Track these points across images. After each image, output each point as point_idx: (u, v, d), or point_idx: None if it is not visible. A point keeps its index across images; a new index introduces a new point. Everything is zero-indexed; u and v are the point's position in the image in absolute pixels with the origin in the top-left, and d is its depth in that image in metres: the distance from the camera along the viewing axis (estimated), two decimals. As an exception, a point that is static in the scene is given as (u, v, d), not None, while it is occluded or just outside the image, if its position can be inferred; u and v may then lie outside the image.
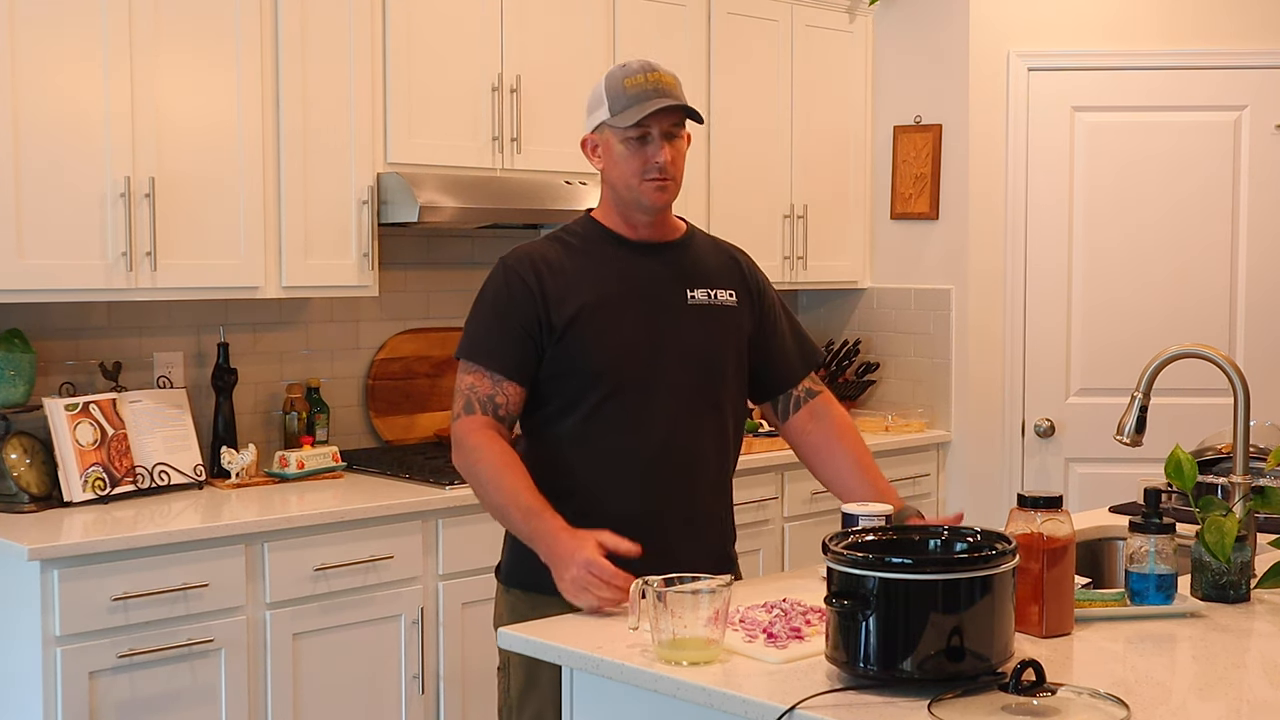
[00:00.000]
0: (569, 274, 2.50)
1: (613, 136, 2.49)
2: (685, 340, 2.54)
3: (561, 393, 2.50)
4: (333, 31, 3.69)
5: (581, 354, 2.48)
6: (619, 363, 2.49)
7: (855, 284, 5.14)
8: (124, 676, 3.09)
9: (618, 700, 2.08)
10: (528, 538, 2.42)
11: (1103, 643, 2.14)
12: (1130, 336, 4.77)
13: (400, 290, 4.23)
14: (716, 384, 2.58)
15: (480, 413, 2.47)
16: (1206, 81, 4.80)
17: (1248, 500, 2.47)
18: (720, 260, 2.66)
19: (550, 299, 2.47)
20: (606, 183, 2.56)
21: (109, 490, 3.43)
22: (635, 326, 2.51)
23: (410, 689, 3.56)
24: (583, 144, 2.57)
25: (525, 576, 2.50)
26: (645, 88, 2.45)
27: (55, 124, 3.26)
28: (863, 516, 2.40)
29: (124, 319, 3.73)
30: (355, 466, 3.91)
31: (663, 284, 2.55)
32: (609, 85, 2.48)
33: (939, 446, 4.95)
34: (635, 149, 2.47)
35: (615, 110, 2.46)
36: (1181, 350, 2.62)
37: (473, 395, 2.48)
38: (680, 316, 2.55)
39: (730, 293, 2.61)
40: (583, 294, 2.49)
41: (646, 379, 2.50)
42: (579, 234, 2.59)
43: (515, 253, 2.55)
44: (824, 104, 4.95)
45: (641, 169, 2.48)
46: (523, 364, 2.49)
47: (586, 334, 2.48)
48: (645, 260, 2.56)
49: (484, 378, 2.49)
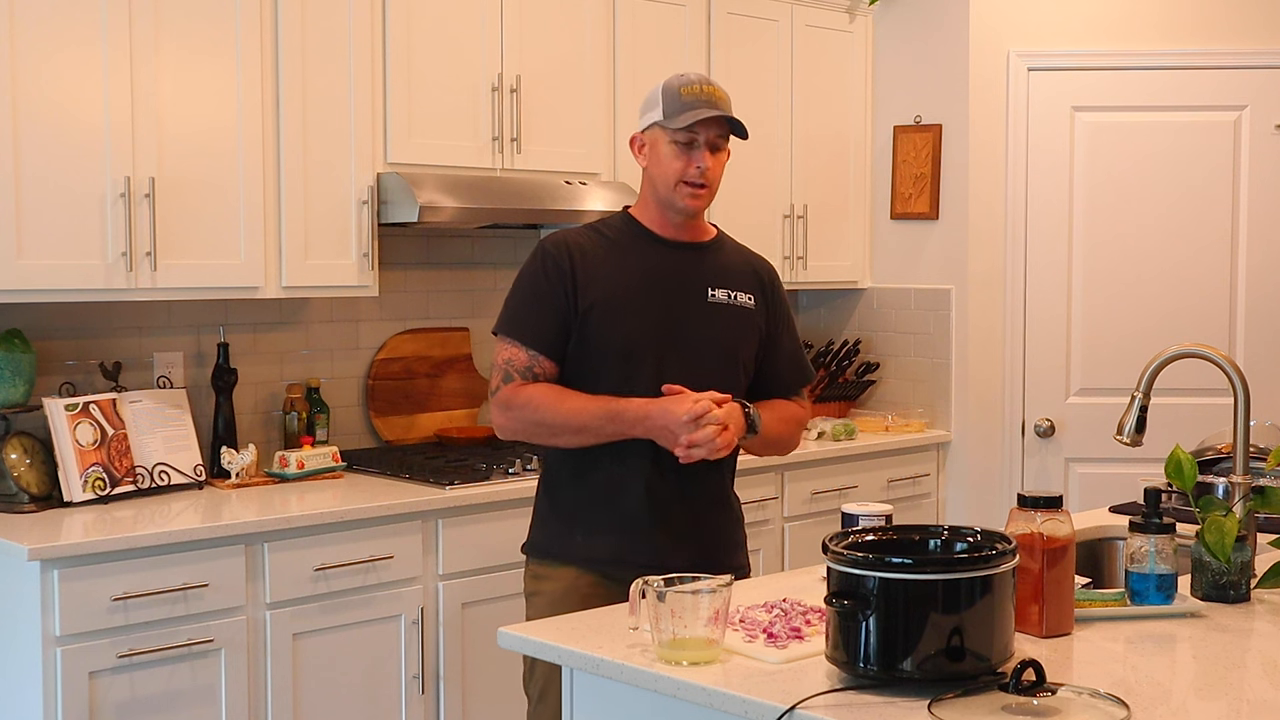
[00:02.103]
0: (598, 262, 2.67)
1: (661, 136, 2.65)
2: (700, 334, 2.68)
3: (582, 375, 2.65)
4: (333, 31, 3.69)
5: (598, 338, 2.64)
6: (631, 350, 2.64)
7: (855, 284, 5.14)
8: (124, 676, 3.09)
9: (618, 700, 2.09)
10: (628, 424, 2.56)
11: (1103, 643, 2.14)
12: (1130, 336, 4.76)
13: (400, 290, 4.23)
14: (729, 378, 2.69)
15: (520, 380, 2.65)
16: (1206, 81, 4.80)
17: (1248, 500, 2.47)
18: (744, 267, 2.81)
19: (579, 282, 2.64)
20: (648, 180, 2.72)
21: (109, 490, 3.43)
22: (650, 317, 2.66)
23: (410, 689, 3.56)
24: (631, 141, 2.74)
25: (535, 544, 2.77)
26: (700, 97, 2.62)
27: (55, 124, 3.26)
28: (863, 516, 2.41)
29: (124, 319, 3.73)
30: (355, 466, 3.91)
31: (685, 280, 2.70)
32: (665, 90, 2.65)
33: (939, 446, 4.95)
34: (681, 151, 2.63)
35: (669, 114, 2.62)
36: (1181, 350, 2.63)
37: (510, 368, 2.66)
38: (698, 312, 2.70)
39: (750, 296, 2.76)
40: (606, 281, 2.65)
41: (658, 368, 2.63)
42: (616, 227, 2.75)
43: (553, 237, 2.71)
44: (824, 104, 4.95)
45: (683, 171, 2.64)
46: (556, 340, 2.65)
47: (604, 320, 2.64)
48: (672, 256, 2.72)
49: (520, 351, 2.66)
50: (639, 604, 2.11)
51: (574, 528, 2.70)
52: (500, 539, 3.59)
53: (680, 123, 2.61)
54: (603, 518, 2.67)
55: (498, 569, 3.62)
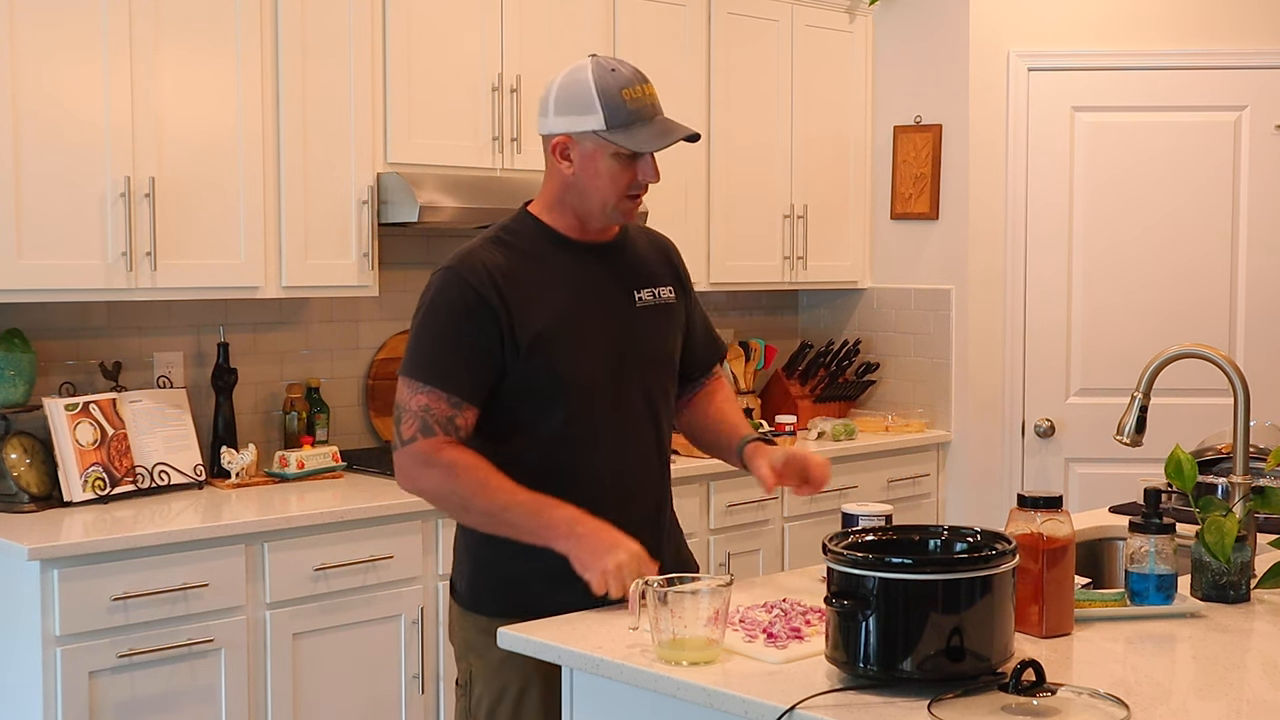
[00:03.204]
0: (526, 285, 2.37)
1: (602, 149, 2.35)
2: (641, 345, 2.47)
3: (522, 411, 2.39)
4: (333, 31, 3.69)
5: (547, 374, 2.36)
6: (587, 378, 2.39)
7: (855, 284, 5.14)
8: (124, 676, 3.09)
9: (618, 700, 2.08)
10: (542, 529, 2.29)
11: (1103, 643, 2.14)
12: (1130, 336, 4.76)
13: (400, 290, 4.22)
14: (667, 384, 2.54)
15: (441, 434, 2.32)
16: (1206, 81, 4.80)
17: (1248, 500, 2.47)
18: (656, 255, 2.58)
19: (514, 316, 2.33)
20: (571, 188, 2.40)
21: (109, 490, 3.43)
22: (595, 339, 2.41)
23: (410, 689, 3.56)
24: (553, 145, 2.38)
25: (495, 602, 2.40)
26: (644, 103, 2.35)
27: (55, 124, 3.26)
28: (863, 516, 2.40)
29: (124, 319, 3.73)
30: (355, 466, 3.91)
31: (613, 289, 2.46)
32: (603, 93, 2.32)
33: (939, 446, 4.95)
34: (625, 165, 2.36)
35: (614, 124, 2.33)
36: (1181, 350, 2.62)
37: (429, 417, 2.32)
38: (633, 321, 2.47)
39: (669, 289, 2.55)
40: (544, 309, 2.37)
41: (613, 390, 2.42)
42: (520, 233, 2.44)
43: (465, 262, 2.37)
44: (824, 104, 4.95)
45: (628, 186, 2.38)
46: (482, 386, 2.34)
47: (550, 353, 2.36)
48: (593, 264, 2.46)
49: (440, 400, 2.32)
50: (639, 604, 2.11)
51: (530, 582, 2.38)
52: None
53: (641, 144, 2.34)
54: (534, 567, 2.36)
55: (498, 569, 3.62)
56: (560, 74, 2.40)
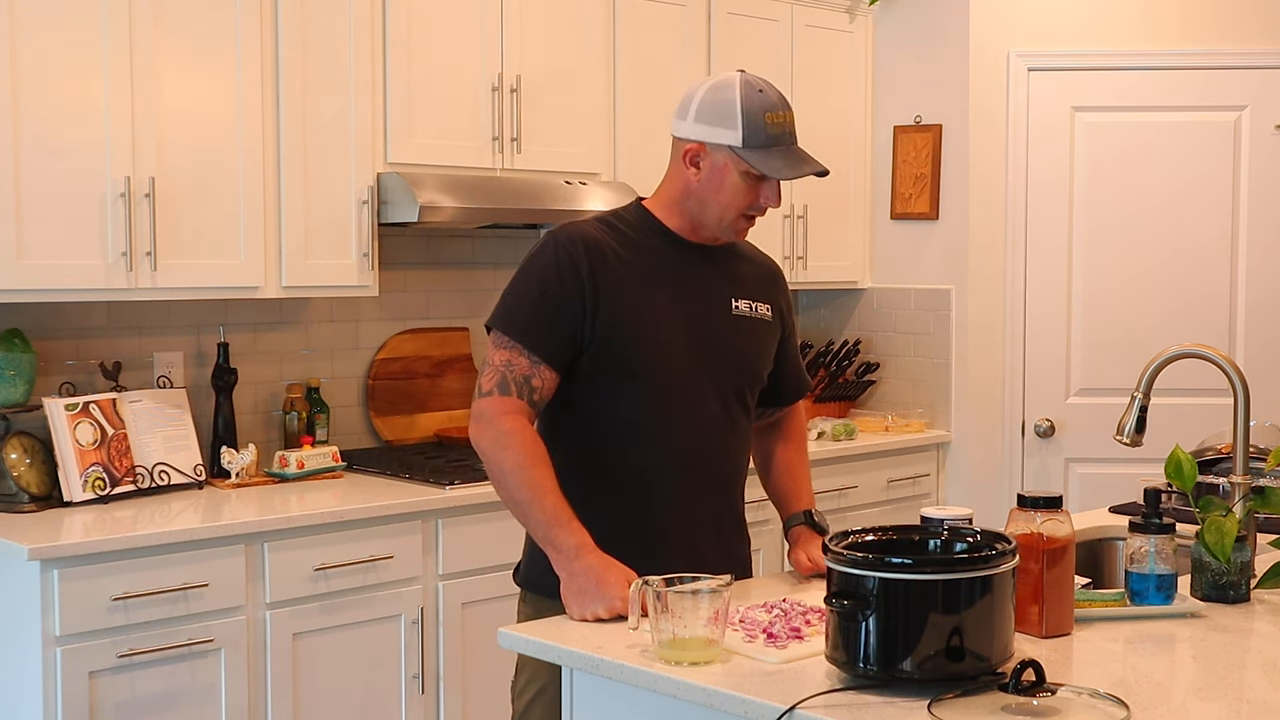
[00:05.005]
0: (621, 267, 2.41)
1: (733, 164, 2.38)
2: (727, 351, 2.49)
3: (596, 392, 2.41)
4: (333, 31, 3.69)
5: (623, 353, 2.39)
6: (662, 370, 2.41)
7: (855, 284, 5.14)
8: (124, 676, 3.09)
9: (618, 700, 2.08)
10: (548, 542, 2.31)
11: (1103, 643, 2.14)
12: (1130, 336, 4.77)
13: (400, 290, 4.23)
14: (746, 395, 2.55)
15: (515, 395, 2.35)
16: (1206, 81, 4.80)
17: (1248, 500, 2.47)
18: (763, 275, 2.62)
19: (600, 290, 2.37)
20: (692, 195, 2.44)
21: (109, 490, 3.43)
22: (679, 331, 2.44)
23: (410, 689, 3.56)
24: (684, 151, 2.42)
25: (549, 580, 2.37)
26: (783, 129, 2.38)
27: (55, 124, 3.26)
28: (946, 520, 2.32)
29: (124, 319, 3.73)
30: (355, 466, 3.91)
31: (710, 290, 2.50)
32: (746, 110, 2.36)
33: (939, 446, 4.95)
34: (751, 185, 2.39)
35: (751, 144, 2.36)
36: (1181, 350, 2.62)
37: (509, 373, 2.36)
38: (723, 326, 2.49)
39: (768, 307, 2.58)
40: (632, 291, 2.40)
41: (684, 385, 2.44)
42: (630, 222, 2.49)
43: (567, 230, 2.43)
44: (824, 104, 4.94)
45: (748, 206, 2.42)
46: (562, 351, 2.38)
47: (630, 334, 2.39)
48: (698, 262, 2.50)
49: (522, 356, 2.36)
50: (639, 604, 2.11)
51: None
52: (500, 539, 3.59)
53: (774, 170, 2.36)
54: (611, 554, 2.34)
55: (498, 569, 3.61)
56: (706, 82, 2.44)
